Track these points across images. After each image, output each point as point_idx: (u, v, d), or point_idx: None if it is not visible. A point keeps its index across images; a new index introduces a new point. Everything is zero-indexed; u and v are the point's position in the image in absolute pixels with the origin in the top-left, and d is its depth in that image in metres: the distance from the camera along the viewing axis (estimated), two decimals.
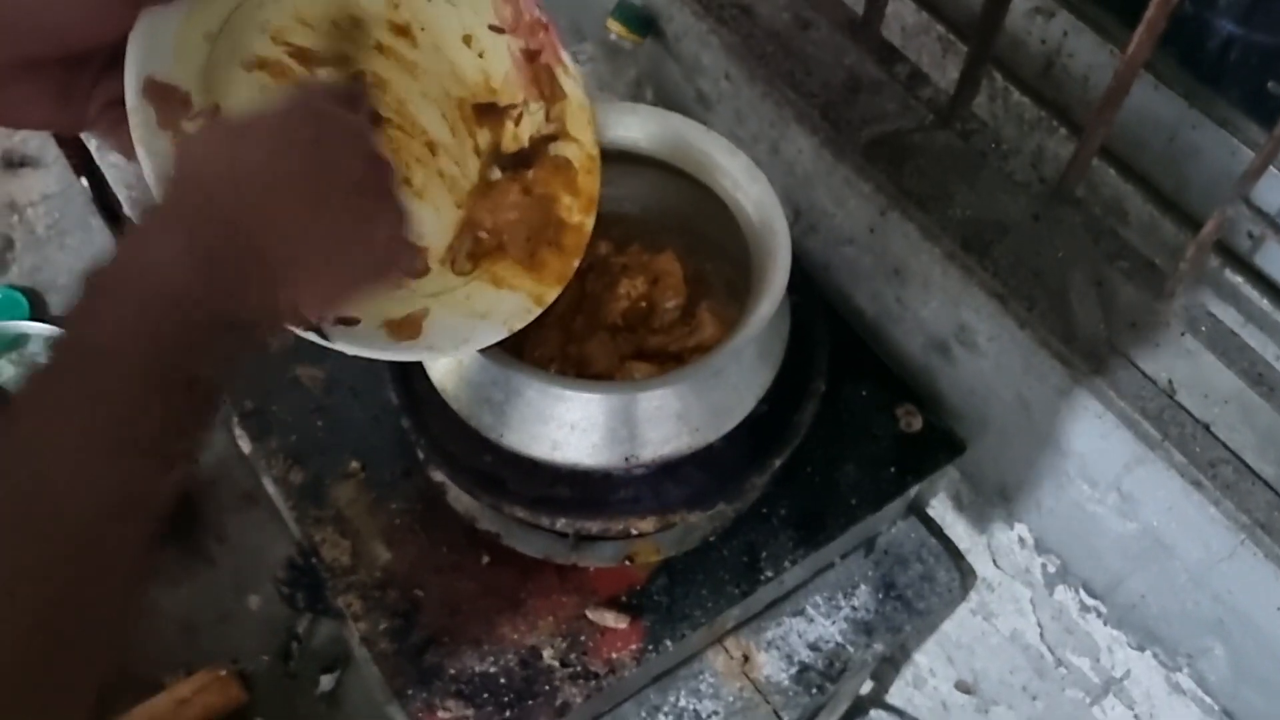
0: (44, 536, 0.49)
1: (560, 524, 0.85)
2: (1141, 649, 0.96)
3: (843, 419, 1.00)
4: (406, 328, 0.78)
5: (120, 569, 0.51)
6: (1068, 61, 0.96)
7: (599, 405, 0.80)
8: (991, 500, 1.05)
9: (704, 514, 0.86)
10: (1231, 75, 0.89)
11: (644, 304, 0.90)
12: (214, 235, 0.54)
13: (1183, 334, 0.86)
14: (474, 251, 0.83)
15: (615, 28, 1.14)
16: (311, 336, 0.72)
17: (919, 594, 1.07)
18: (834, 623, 1.04)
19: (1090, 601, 0.99)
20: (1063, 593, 1.02)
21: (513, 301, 0.81)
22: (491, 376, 0.82)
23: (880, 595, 1.06)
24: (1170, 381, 0.86)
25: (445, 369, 0.85)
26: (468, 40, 0.82)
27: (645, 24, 1.14)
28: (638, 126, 0.90)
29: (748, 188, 0.88)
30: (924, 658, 1.27)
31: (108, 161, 1.31)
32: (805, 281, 0.96)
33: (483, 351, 0.80)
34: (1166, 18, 0.73)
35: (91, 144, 1.41)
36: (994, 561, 1.09)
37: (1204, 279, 0.87)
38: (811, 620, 1.04)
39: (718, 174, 0.89)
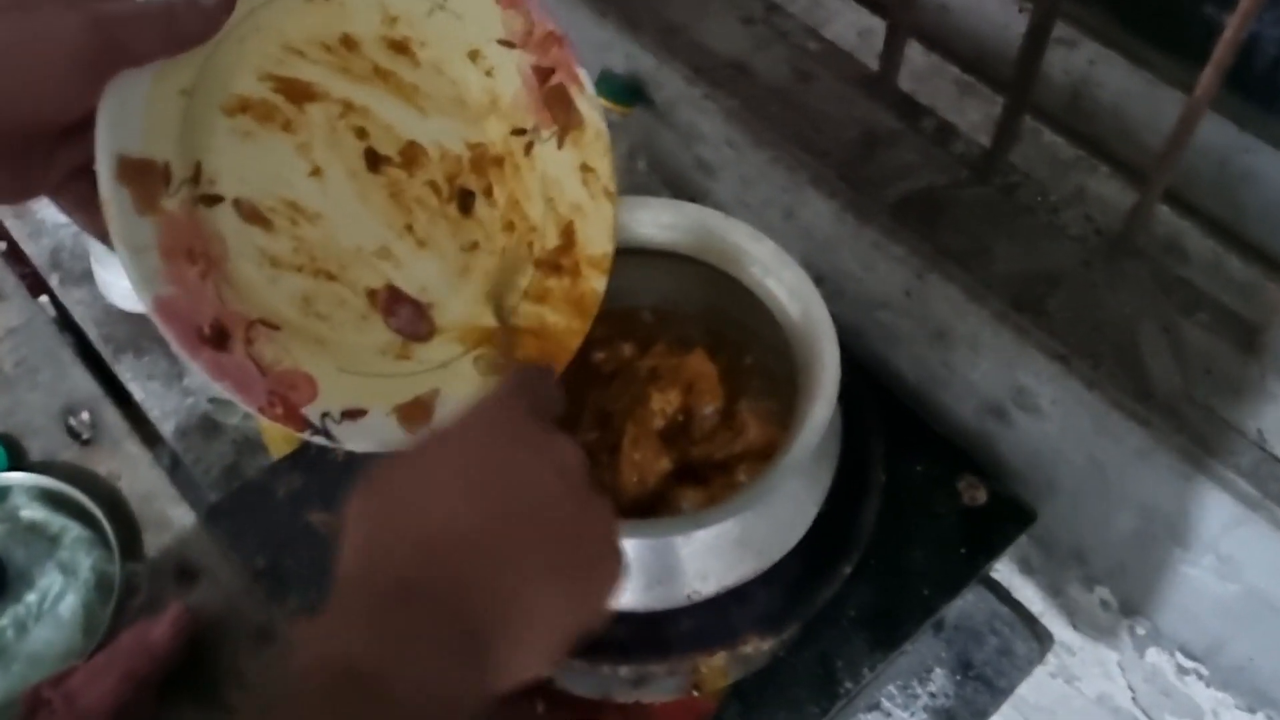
0: None
1: (621, 671, 0.78)
2: (1253, 710, 0.89)
3: (901, 499, 0.92)
4: (417, 412, 0.71)
5: None
6: (1096, 92, 0.90)
7: (652, 547, 0.72)
8: (1065, 564, 0.97)
9: (776, 638, 0.78)
10: None
11: (681, 417, 0.82)
12: (404, 617, 0.44)
13: (1263, 376, 0.80)
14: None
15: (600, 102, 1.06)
16: (318, 440, 0.65)
17: (998, 670, 0.99)
18: (913, 714, 0.97)
19: (1189, 664, 0.92)
20: (1156, 655, 0.95)
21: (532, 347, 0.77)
22: None
23: (958, 676, 0.99)
24: (1260, 431, 0.79)
25: None
26: (474, 56, 0.74)
27: (632, 93, 1.07)
28: (650, 222, 0.83)
29: (779, 274, 0.81)
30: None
31: (73, 298, 1.23)
32: (844, 354, 0.89)
33: None
34: (1235, 53, 0.66)
35: (54, 277, 1.33)
36: (1072, 625, 1.01)
37: None
38: (889, 714, 0.97)
39: (744, 263, 0.82)
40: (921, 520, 0.92)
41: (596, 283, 0.80)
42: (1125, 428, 0.82)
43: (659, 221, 0.83)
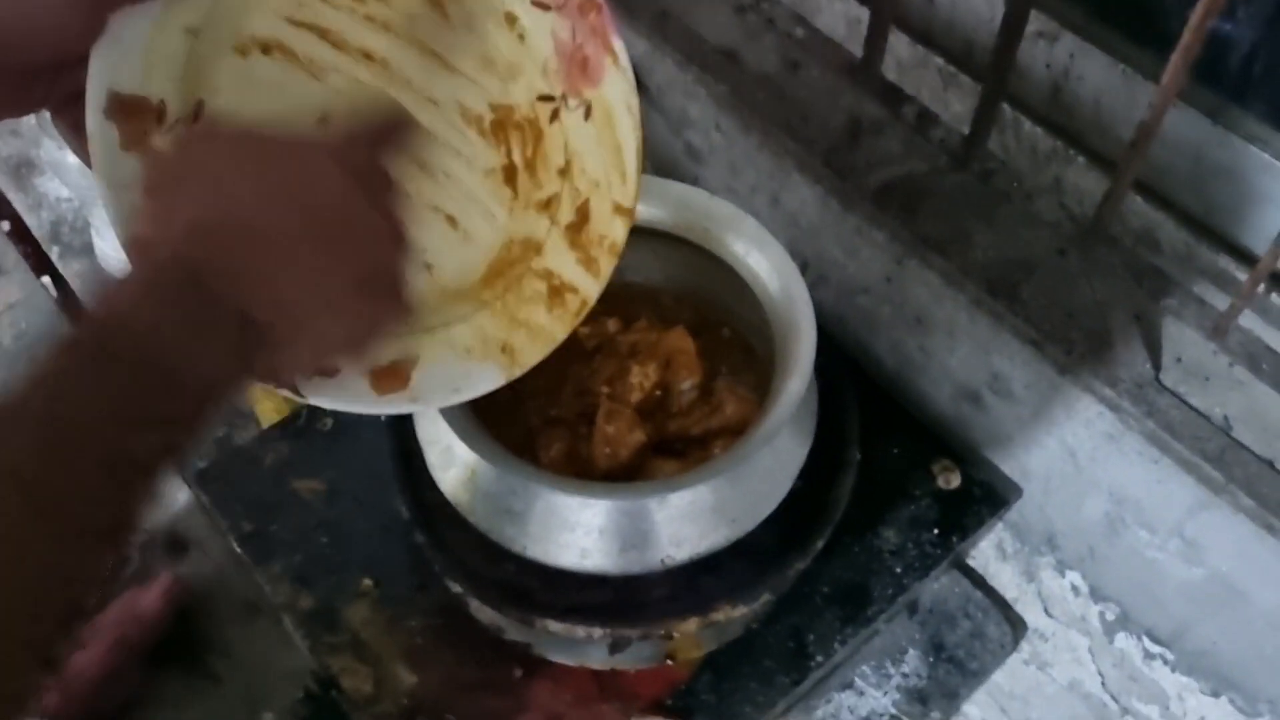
0: None
1: (596, 634, 0.79)
2: (1216, 695, 0.91)
3: (877, 480, 0.94)
4: (392, 377, 0.70)
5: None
6: (1076, 85, 0.92)
7: (627, 510, 0.74)
8: (1039, 549, 0.99)
9: (748, 608, 0.80)
10: (1257, 89, 0.84)
11: (659, 391, 0.84)
12: (180, 285, 0.47)
13: (1231, 365, 0.82)
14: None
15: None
16: (284, 392, 0.65)
17: (971, 653, 1.01)
18: (885, 693, 0.98)
19: (1155, 649, 0.94)
20: (1124, 640, 0.96)
21: (522, 338, 0.74)
22: (509, 486, 0.76)
23: (930, 658, 1.00)
24: (1226, 418, 0.81)
25: (457, 480, 0.79)
26: (510, 20, 0.71)
27: None
28: None
29: (761, 254, 0.82)
30: (975, 709, 1.22)
31: (72, 270, 1.25)
32: (825, 339, 0.91)
33: (495, 461, 0.74)
34: (1201, 42, 0.68)
35: (54, 250, 1.35)
36: (1045, 610, 1.03)
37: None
38: (862, 693, 0.98)
39: (727, 240, 0.84)
40: (896, 501, 0.94)
41: (606, 264, 0.79)
42: (1095, 412, 0.83)
43: (642, 198, 0.84)
